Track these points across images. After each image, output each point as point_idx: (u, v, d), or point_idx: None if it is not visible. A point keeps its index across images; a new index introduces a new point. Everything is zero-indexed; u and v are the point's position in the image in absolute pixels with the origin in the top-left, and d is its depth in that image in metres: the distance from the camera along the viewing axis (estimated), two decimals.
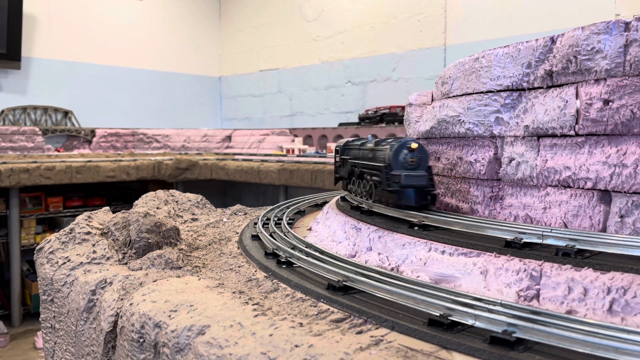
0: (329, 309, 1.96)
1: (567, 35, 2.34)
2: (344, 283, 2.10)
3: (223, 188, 14.09)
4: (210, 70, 16.18)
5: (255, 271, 2.55)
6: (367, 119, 10.89)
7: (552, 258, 1.88)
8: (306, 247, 2.62)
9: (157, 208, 4.06)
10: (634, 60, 2.09)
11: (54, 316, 2.76)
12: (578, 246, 1.89)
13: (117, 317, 2.22)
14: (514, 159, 2.57)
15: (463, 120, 2.85)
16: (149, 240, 2.85)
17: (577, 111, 2.27)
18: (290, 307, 2.03)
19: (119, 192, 12.54)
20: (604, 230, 2.17)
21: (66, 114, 12.80)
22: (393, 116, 10.12)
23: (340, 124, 11.62)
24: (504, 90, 2.65)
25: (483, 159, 2.75)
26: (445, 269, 2.15)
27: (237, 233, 3.59)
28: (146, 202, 4.23)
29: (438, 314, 1.70)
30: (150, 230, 2.88)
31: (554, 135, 2.40)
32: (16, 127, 10.97)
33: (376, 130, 10.13)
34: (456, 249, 2.18)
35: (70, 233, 3.01)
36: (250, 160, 11.18)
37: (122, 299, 2.26)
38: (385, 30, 11.48)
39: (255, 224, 3.52)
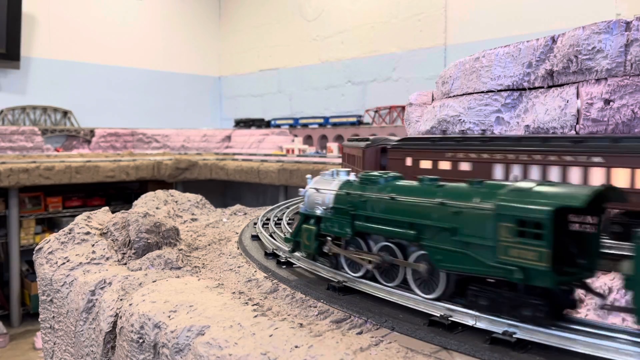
0: (329, 309, 1.95)
1: (567, 35, 2.33)
2: (344, 284, 2.09)
3: (223, 188, 14.07)
4: (210, 70, 16.16)
5: (255, 271, 2.55)
6: (242, 123, 13.46)
7: None
8: None
9: (157, 208, 4.05)
10: (635, 59, 2.08)
11: (54, 316, 2.75)
12: None
13: (117, 318, 2.21)
14: None
15: (463, 120, 2.85)
16: (149, 241, 2.84)
17: (578, 111, 2.26)
18: (290, 308, 2.02)
19: (119, 192, 12.53)
20: None
21: (65, 113, 12.78)
22: (261, 121, 13.30)
23: (236, 124, 13.69)
24: (505, 90, 2.65)
25: None
26: None
27: (237, 233, 3.58)
28: (146, 202, 4.23)
29: (438, 315, 1.70)
30: (150, 231, 2.87)
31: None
32: (15, 127, 10.96)
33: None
34: None
35: (70, 233, 3.00)
36: (250, 160, 11.17)
37: (121, 300, 2.25)
38: (385, 30, 11.47)
39: (255, 224, 3.52)
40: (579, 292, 1.67)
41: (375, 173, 2.19)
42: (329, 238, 2.25)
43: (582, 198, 1.45)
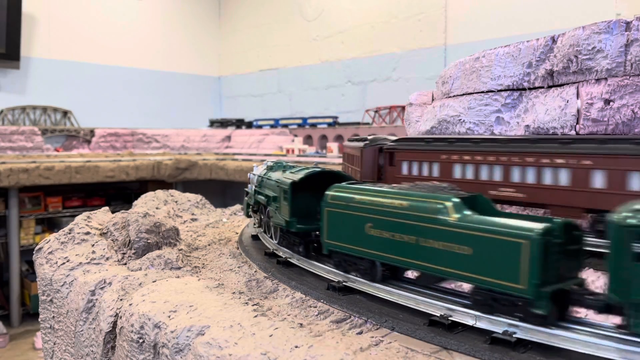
0: (329, 309, 1.95)
1: (567, 35, 2.33)
2: (344, 284, 2.09)
3: (222, 188, 14.07)
4: (210, 70, 16.16)
5: (255, 271, 2.55)
6: (218, 123, 14.03)
7: None
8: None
9: (157, 208, 4.05)
10: (635, 59, 2.08)
11: (53, 316, 2.75)
12: None
13: (117, 318, 2.21)
14: None
15: (464, 120, 2.85)
16: (149, 241, 2.84)
17: (578, 111, 2.26)
18: (290, 308, 2.02)
19: (118, 192, 12.52)
20: None
21: (65, 113, 12.78)
22: (241, 121, 13.92)
23: (211, 124, 14.16)
24: (505, 90, 2.65)
25: None
26: None
27: (237, 233, 3.58)
28: (145, 202, 4.23)
29: (439, 315, 1.70)
30: (150, 231, 2.87)
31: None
32: (15, 127, 10.95)
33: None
34: None
35: (70, 233, 3.00)
36: (250, 160, 11.16)
37: (121, 300, 2.25)
38: (385, 30, 11.47)
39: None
40: None
41: (275, 160, 3.06)
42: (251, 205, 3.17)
43: (300, 176, 2.38)
